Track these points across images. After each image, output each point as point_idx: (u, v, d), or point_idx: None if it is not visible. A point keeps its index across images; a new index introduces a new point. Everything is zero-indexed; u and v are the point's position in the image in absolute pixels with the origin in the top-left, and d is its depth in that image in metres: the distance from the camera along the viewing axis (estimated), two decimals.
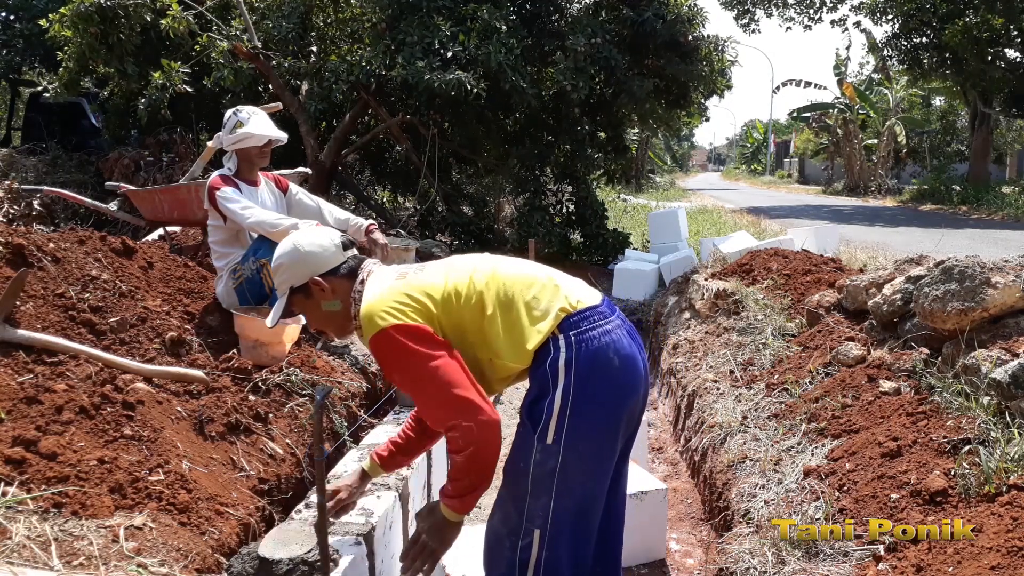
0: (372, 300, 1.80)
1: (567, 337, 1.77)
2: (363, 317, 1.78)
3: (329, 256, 1.94)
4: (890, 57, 22.47)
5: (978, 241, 11.24)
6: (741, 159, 63.46)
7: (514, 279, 1.85)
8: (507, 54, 7.50)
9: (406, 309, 1.75)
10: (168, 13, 7.36)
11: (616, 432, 1.84)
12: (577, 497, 1.81)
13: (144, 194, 4.85)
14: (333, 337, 2.11)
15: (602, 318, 1.82)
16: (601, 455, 1.84)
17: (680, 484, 3.77)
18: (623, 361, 1.80)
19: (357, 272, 1.95)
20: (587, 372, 1.75)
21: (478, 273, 1.85)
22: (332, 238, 1.99)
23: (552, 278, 1.89)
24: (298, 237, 1.97)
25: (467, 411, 1.70)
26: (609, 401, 1.79)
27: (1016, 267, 2.88)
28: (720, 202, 21.46)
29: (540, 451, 1.77)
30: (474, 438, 1.69)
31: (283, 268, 1.95)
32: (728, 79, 10.12)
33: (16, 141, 11.80)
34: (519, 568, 1.82)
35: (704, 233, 10.74)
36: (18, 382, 2.25)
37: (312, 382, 3.21)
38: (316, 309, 1.97)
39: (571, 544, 1.82)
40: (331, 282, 1.93)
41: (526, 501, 1.80)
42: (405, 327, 1.73)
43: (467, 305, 1.80)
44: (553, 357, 1.76)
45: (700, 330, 5.19)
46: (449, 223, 9.41)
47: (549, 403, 1.75)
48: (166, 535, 1.90)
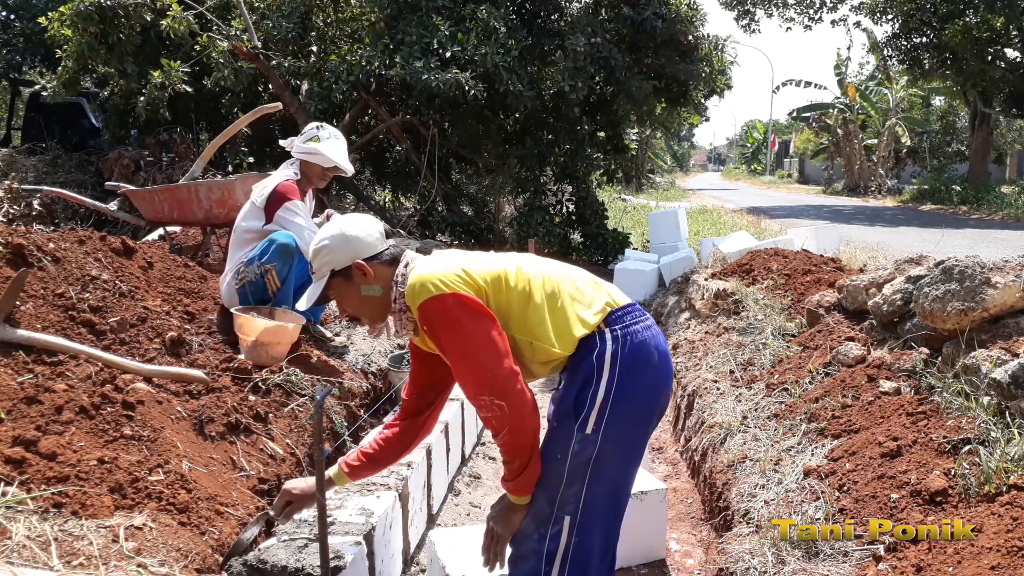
0: (425, 272, 1.81)
1: (613, 331, 1.83)
2: (414, 284, 1.80)
3: (373, 242, 1.95)
4: (890, 57, 22.47)
5: (978, 241, 11.24)
6: (741, 159, 63.46)
7: (559, 273, 1.93)
8: (504, 55, 7.49)
9: (458, 281, 1.78)
10: (168, 13, 7.36)
11: (650, 423, 1.93)
12: (609, 486, 1.85)
13: (144, 194, 4.85)
14: (366, 324, 2.08)
15: (641, 315, 1.91)
16: (636, 445, 1.91)
17: (680, 484, 3.77)
18: (661, 357, 1.88)
19: (399, 259, 1.96)
20: (631, 365, 1.81)
21: (526, 264, 1.91)
22: (376, 226, 2.00)
23: (592, 277, 1.97)
24: (343, 222, 1.97)
25: (500, 387, 1.74)
26: (648, 394, 1.86)
27: (1016, 267, 2.88)
28: (720, 202, 21.46)
29: (579, 440, 1.80)
30: (506, 419, 1.74)
31: (326, 250, 1.93)
32: (728, 78, 10.12)
33: (16, 141, 11.79)
34: (547, 557, 1.84)
35: (704, 233, 10.74)
36: (18, 382, 2.25)
37: (312, 382, 3.21)
38: (355, 294, 1.96)
39: (600, 532, 1.86)
40: (373, 267, 1.92)
41: (559, 490, 1.82)
42: (457, 296, 1.76)
43: (516, 289, 1.84)
44: (600, 349, 1.81)
45: (700, 330, 5.18)
46: (449, 223, 9.41)
47: (592, 394, 1.79)
48: (166, 535, 1.90)
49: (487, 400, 1.74)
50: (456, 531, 2.66)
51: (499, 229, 10.01)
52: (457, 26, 7.74)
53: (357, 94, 8.40)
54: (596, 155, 10.11)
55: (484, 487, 3.68)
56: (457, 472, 3.67)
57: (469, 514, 3.37)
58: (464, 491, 3.58)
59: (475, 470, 3.83)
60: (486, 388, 1.74)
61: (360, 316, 2.03)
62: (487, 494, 3.60)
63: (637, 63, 9.02)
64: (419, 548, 2.90)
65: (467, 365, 1.78)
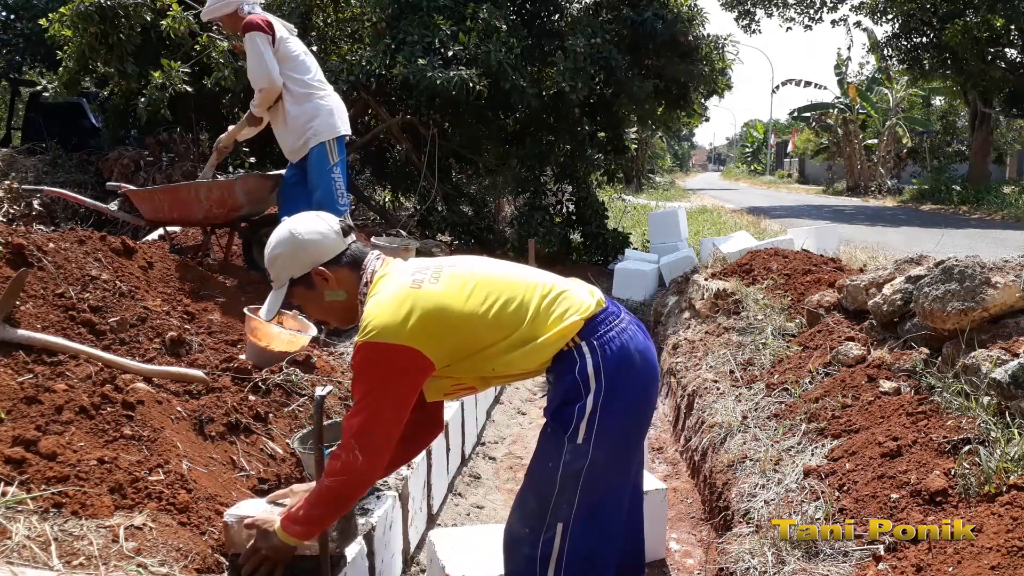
0: (379, 306, 1.73)
1: (589, 343, 1.78)
2: (366, 320, 1.73)
3: (331, 244, 1.85)
4: (890, 57, 22.45)
5: (978, 241, 11.24)
6: (741, 159, 63.44)
7: (528, 286, 1.83)
8: (507, 53, 7.50)
9: (407, 325, 1.69)
10: (168, 13, 7.35)
11: (642, 423, 1.91)
12: (603, 490, 1.82)
13: (144, 194, 4.85)
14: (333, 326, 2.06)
15: (615, 318, 1.85)
16: (629, 447, 1.89)
17: (680, 484, 3.77)
18: (642, 355, 1.84)
19: (361, 261, 1.88)
20: (615, 373, 1.77)
21: (492, 283, 1.81)
22: (330, 224, 1.90)
23: (562, 285, 1.88)
24: (294, 224, 1.86)
25: (371, 448, 1.72)
26: (636, 396, 1.83)
27: (1016, 267, 2.88)
28: (720, 202, 21.46)
29: (570, 451, 1.77)
30: (350, 473, 1.72)
31: (281, 258, 1.85)
32: (728, 79, 10.11)
33: (16, 141, 11.78)
34: (540, 563, 1.81)
35: (704, 233, 10.74)
36: (18, 382, 2.25)
37: (312, 382, 3.21)
38: (319, 300, 1.88)
39: (594, 534, 1.83)
40: (334, 271, 1.84)
41: (552, 498, 1.80)
42: (398, 350, 1.69)
43: (482, 322, 1.76)
44: (581, 365, 1.77)
45: (700, 330, 5.18)
46: (449, 223, 9.41)
47: (580, 407, 1.76)
48: (166, 535, 1.90)
49: (353, 445, 1.71)
50: (456, 531, 2.66)
51: (499, 229, 10.00)
52: (458, 25, 7.74)
53: (357, 94, 8.39)
54: (596, 155, 10.10)
55: (484, 487, 3.68)
56: (457, 472, 3.67)
57: (469, 514, 3.37)
58: (464, 491, 3.59)
59: (475, 470, 3.83)
60: (361, 439, 1.71)
61: (328, 320, 2.00)
62: (487, 494, 3.60)
63: (637, 64, 9.02)
64: (419, 548, 2.90)
65: (363, 411, 1.73)
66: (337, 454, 1.75)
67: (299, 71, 4.32)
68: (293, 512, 1.83)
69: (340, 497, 1.79)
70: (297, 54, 4.34)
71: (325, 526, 1.84)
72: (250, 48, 4.11)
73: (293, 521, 1.81)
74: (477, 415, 4.24)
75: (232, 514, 1.98)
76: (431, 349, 1.72)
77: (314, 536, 1.87)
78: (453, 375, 1.85)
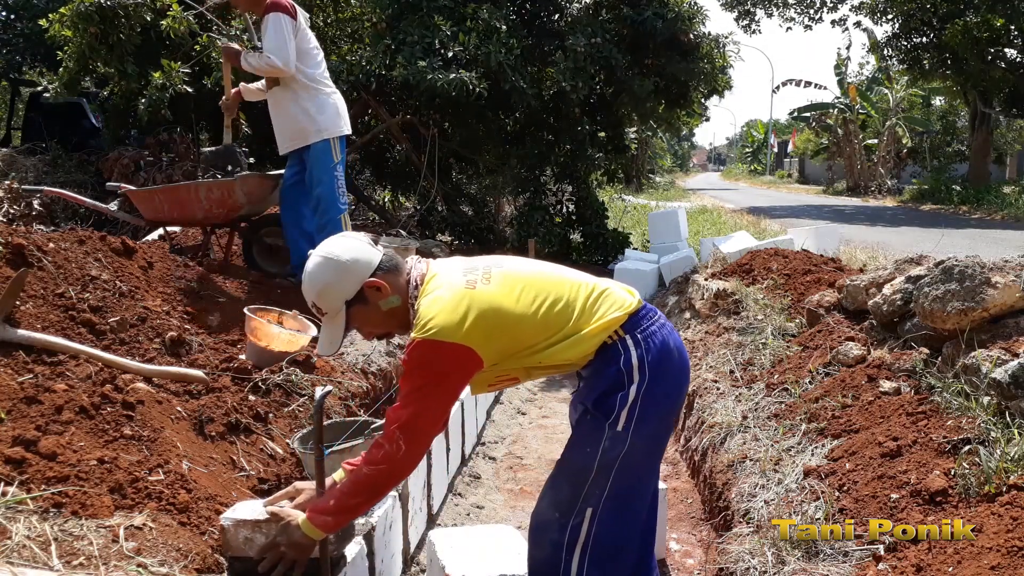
0: (437, 305, 1.76)
1: (633, 336, 1.86)
2: (422, 318, 1.75)
3: (371, 254, 1.86)
4: (890, 57, 22.45)
5: (978, 241, 11.23)
6: (741, 159, 63.43)
7: (572, 286, 1.90)
8: (507, 54, 7.50)
9: (465, 325, 1.73)
10: (168, 13, 7.35)
11: (674, 415, 1.99)
12: (633, 478, 1.89)
13: (144, 194, 4.85)
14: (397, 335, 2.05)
15: (654, 314, 1.94)
16: (661, 439, 1.98)
17: (680, 484, 3.77)
18: (679, 351, 1.93)
19: (399, 265, 1.90)
20: (656, 366, 1.85)
21: (540, 284, 1.86)
22: (359, 237, 1.92)
23: (603, 284, 1.95)
24: (326, 250, 1.86)
25: (413, 444, 1.76)
26: (672, 389, 1.92)
27: (1016, 267, 2.88)
28: (720, 202, 21.46)
29: (610, 437, 1.83)
30: (393, 462, 1.76)
31: (329, 286, 1.83)
32: (728, 77, 10.12)
33: (16, 141, 11.78)
34: (567, 548, 1.86)
35: (704, 233, 10.74)
36: (18, 382, 2.25)
37: (312, 382, 3.21)
38: (377, 312, 1.87)
39: (621, 522, 1.89)
40: (382, 278, 1.85)
41: (586, 485, 1.85)
42: (454, 348, 1.73)
43: (532, 322, 1.81)
44: (626, 357, 1.84)
45: (700, 330, 5.18)
46: (449, 223, 9.41)
47: (623, 396, 1.83)
48: (166, 535, 1.90)
49: (398, 436, 1.74)
50: (456, 531, 2.66)
51: (499, 229, 10.00)
52: (458, 26, 7.74)
53: (357, 94, 8.38)
54: (596, 155, 10.09)
55: (484, 487, 3.68)
56: (457, 472, 3.67)
57: (469, 514, 3.37)
58: (464, 491, 3.59)
59: (475, 470, 3.83)
60: (408, 429, 1.74)
61: (391, 331, 1.98)
62: (487, 494, 3.61)
63: (637, 63, 9.01)
64: (419, 548, 2.90)
65: (413, 404, 1.76)
66: (380, 444, 1.77)
67: (311, 65, 4.31)
68: (321, 504, 1.82)
69: (377, 486, 1.82)
70: (312, 47, 4.33)
71: (356, 516, 1.86)
72: (273, 26, 4.03)
73: (323, 512, 1.80)
74: (477, 415, 4.24)
75: (228, 517, 1.97)
76: (484, 348, 1.77)
77: (342, 527, 1.89)
78: (499, 368, 1.89)
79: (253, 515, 1.97)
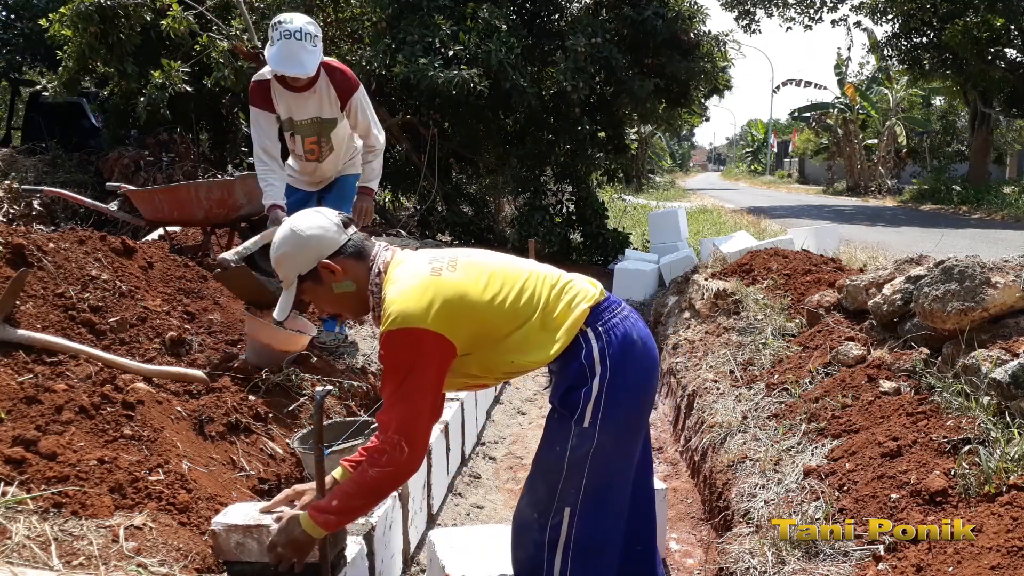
0: (401, 294, 1.76)
1: (595, 329, 1.84)
2: (388, 309, 1.75)
3: (333, 236, 1.87)
4: (890, 57, 22.45)
5: (978, 241, 11.24)
6: (741, 159, 63.44)
7: (536, 277, 1.89)
8: (507, 53, 7.50)
9: (431, 311, 1.73)
10: (168, 13, 7.35)
11: (644, 408, 1.94)
12: (607, 474, 1.86)
13: (144, 194, 4.85)
14: (349, 319, 2.06)
15: (616, 306, 1.91)
16: (632, 432, 1.92)
17: (680, 484, 3.77)
18: (643, 342, 1.89)
19: (365, 252, 1.90)
20: (619, 358, 1.82)
21: (505, 274, 1.86)
22: (330, 217, 1.92)
23: (566, 277, 1.94)
24: (295, 222, 1.90)
25: (416, 438, 1.75)
26: (639, 381, 1.88)
27: (1016, 267, 2.88)
28: (720, 202, 21.46)
29: (577, 435, 1.82)
30: (397, 464, 1.75)
31: (287, 256, 1.88)
32: (729, 77, 10.13)
33: (16, 141, 11.78)
34: (548, 547, 1.84)
35: (704, 233, 10.74)
36: (18, 382, 2.25)
37: (312, 382, 3.21)
38: (328, 293, 1.91)
39: (601, 518, 1.87)
40: (340, 263, 1.86)
41: (559, 483, 1.84)
42: (426, 334, 1.72)
43: (499, 311, 1.80)
44: (587, 350, 1.82)
45: (700, 330, 5.18)
46: (449, 223, 9.41)
47: (586, 391, 1.81)
48: (166, 535, 1.90)
49: (396, 439, 1.73)
50: (456, 531, 2.66)
51: (499, 229, 10.01)
52: (458, 25, 7.75)
53: None
54: (597, 155, 10.10)
55: (484, 487, 3.68)
56: (457, 472, 3.67)
57: (469, 514, 3.37)
58: (464, 491, 3.59)
59: (475, 470, 3.83)
60: (405, 431, 1.74)
61: (341, 313, 2.02)
62: (487, 494, 3.61)
63: (638, 62, 9.02)
64: (419, 548, 2.90)
65: (400, 403, 1.75)
66: (381, 448, 1.76)
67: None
68: (324, 503, 1.82)
69: (383, 488, 1.82)
70: None
71: (359, 517, 1.86)
72: (364, 104, 3.92)
73: (325, 511, 1.80)
74: (477, 415, 4.24)
75: (219, 522, 1.97)
76: (453, 334, 1.75)
77: (344, 527, 1.88)
78: (470, 371, 1.88)
79: (245, 520, 1.96)
